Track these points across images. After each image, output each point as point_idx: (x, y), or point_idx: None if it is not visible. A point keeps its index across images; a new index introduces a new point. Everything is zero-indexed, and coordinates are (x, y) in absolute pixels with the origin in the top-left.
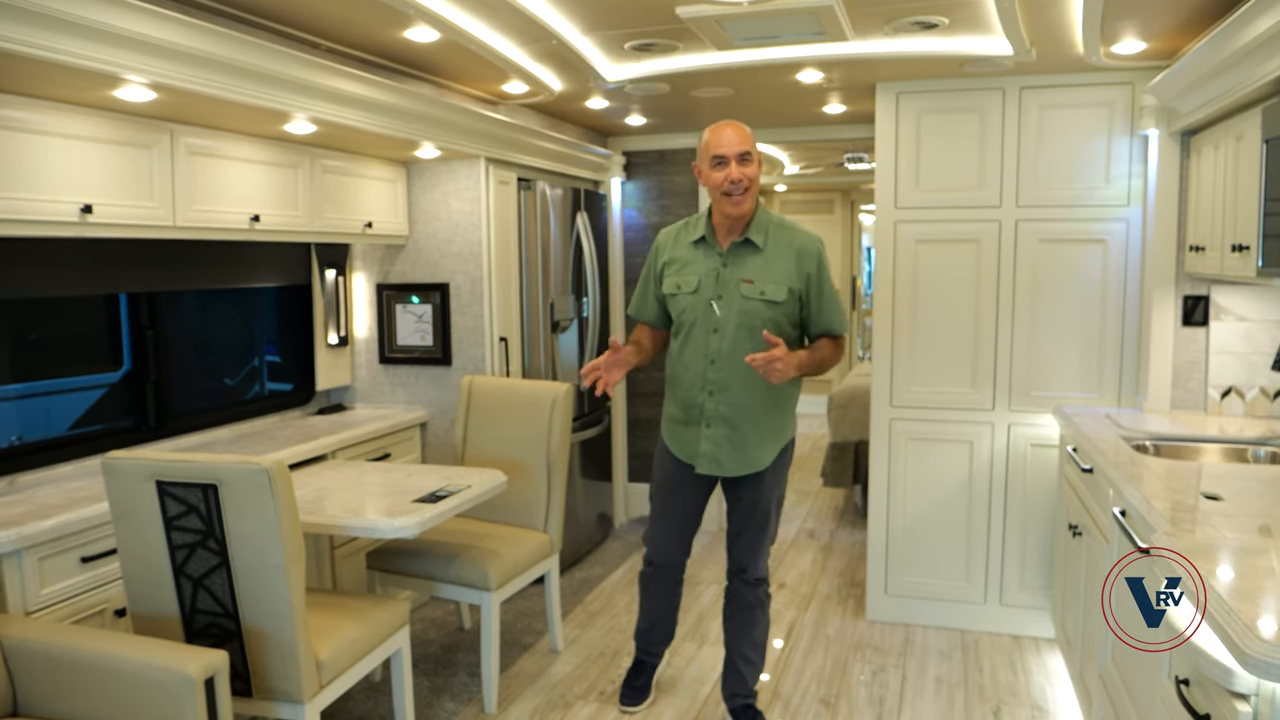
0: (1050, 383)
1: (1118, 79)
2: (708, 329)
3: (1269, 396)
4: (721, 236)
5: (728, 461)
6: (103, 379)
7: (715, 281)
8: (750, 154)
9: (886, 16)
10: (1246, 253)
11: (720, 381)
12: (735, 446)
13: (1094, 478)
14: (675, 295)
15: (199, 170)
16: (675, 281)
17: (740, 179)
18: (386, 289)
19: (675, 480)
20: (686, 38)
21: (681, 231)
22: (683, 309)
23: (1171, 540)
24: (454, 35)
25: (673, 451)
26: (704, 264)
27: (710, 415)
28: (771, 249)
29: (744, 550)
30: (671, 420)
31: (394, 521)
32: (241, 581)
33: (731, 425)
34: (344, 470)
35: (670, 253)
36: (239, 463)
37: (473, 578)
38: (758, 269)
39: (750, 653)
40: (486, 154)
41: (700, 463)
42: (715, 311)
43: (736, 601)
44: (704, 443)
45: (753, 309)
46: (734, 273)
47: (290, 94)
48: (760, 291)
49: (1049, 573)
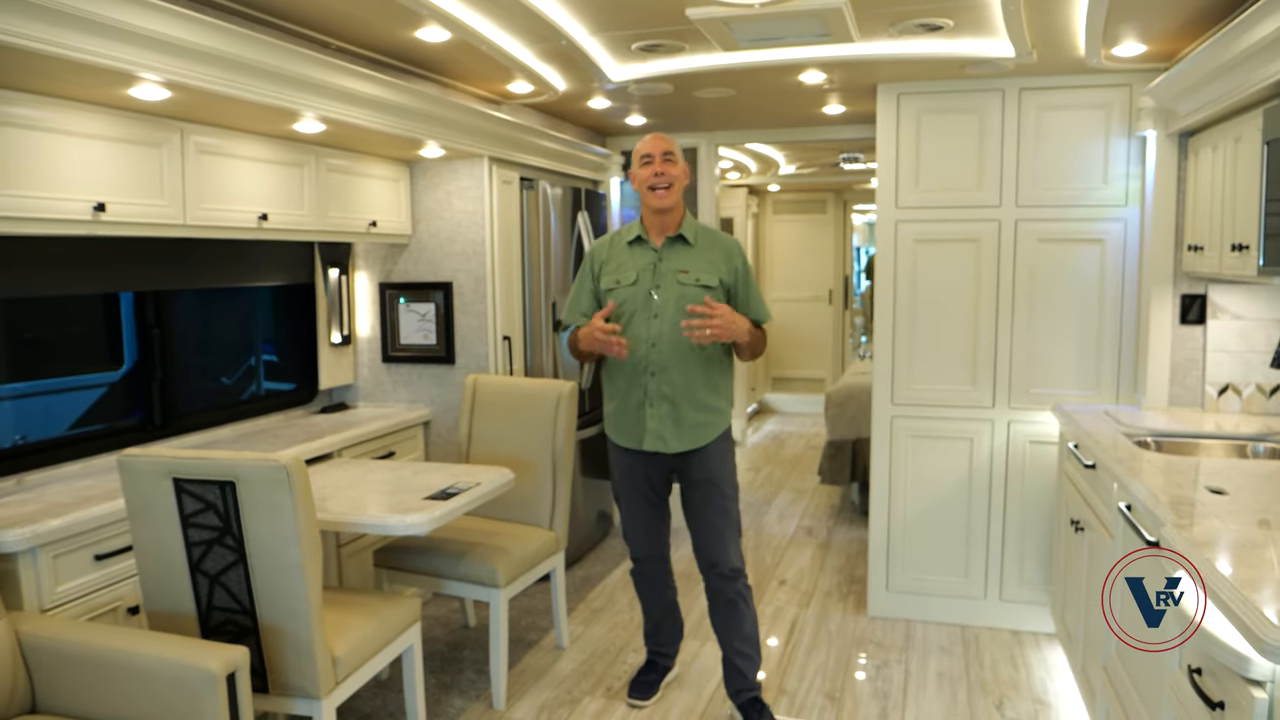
0: (1049, 380)
1: (1116, 81)
2: (648, 316)
3: (1265, 393)
4: (654, 235)
5: (671, 437)
6: (102, 378)
7: (653, 273)
8: (673, 154)
9: (892, 19)
10: (1246, 252)
11: (661, 362)
12: (676, 423)
13: (1096, 473)
14: (615, 289)
15: (208, 169)
16: (614, 278)
17: (663, 172)
18: (389, 288)
19: (630, 470)
20: (693, 39)
21: (615, 238)
22: (623, 300)
23: (1180, 533)
24: (465, 35)
25: (619, 443)
26: (640, 260)
27: (653, 395)
28: (700, 245)
29: (710, 542)
30: (614, 413)
31: (406, 518)
32: (258, 578)
33: (672, 403)
34: (350, 469)
35: (606, 255)
36: (257, 460)
37: (481, 575)
38: (690, 261)
39: (743, 647)
40: (490, 153)
41: (647, 440)
42: (654, 299)
43: (717, 599)
44: (649, 420)
45: (689, 294)
46: (670, 265)
47: (301, 93)
48: (695, 279)
49: (1048, 568)
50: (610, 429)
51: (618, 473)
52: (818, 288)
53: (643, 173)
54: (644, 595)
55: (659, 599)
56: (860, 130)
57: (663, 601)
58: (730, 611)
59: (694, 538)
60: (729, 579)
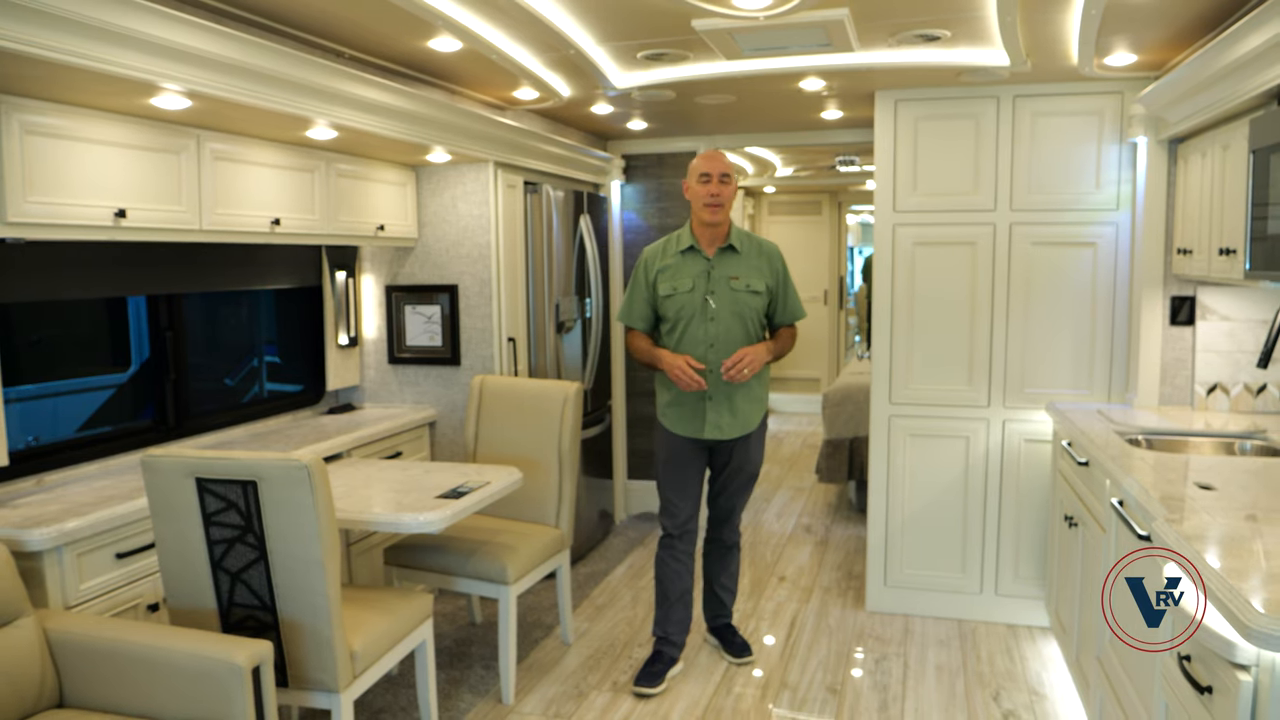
0: (1043, 380)
1: (1108, 89)
2: (705, 319)
3: (1252, 392)
4: (705, 245)
5: (727, 426)
6: (109, 380)
7: (707, 280)
8: (729, 176)
9: (892, 29)
10: (1234, 256)
11: (717, 361)
12: (732, 413)
13: (1090, 470)
14: (672, 296)
15: (223, 175)
16: (671, 284)
17: (719, 193)
18: (395, 290)
19: (681, 455)
20: (697, 47)
21: (666, 245)
22: (680, 306)
23: (1171, 527)
24: (476, 45)
25: (677, 432)
26: (695, 268)
27: (712, 390)
28: (747, 252)
29: (732, 500)
30: (669, 405)
31: (420, 517)
32: (279, 575)
33: (729, 397)
34: (361, 468)
35: (660, 263)
36: (279, 459)
37: (491, 572)
38: (740, 268)
39: (728, 583)
40: (495, 158)
41: (707, 429)
42: (711, 304)
43: (718, 547)
44: (709, 414)
45: (741, 299)
46: (722, 272)
47: (315, 100)
48: (746, 285)
49: (1043, 563)
50: (667, 420)
51: (667, 454)
52: (813, 288)
53: (700, 189)
54: (665, 576)
55: (679, 580)
56: (857, 134)
57: (681, 583)
58: (726, 556)
59: (717, 497)
60: (734, 530)
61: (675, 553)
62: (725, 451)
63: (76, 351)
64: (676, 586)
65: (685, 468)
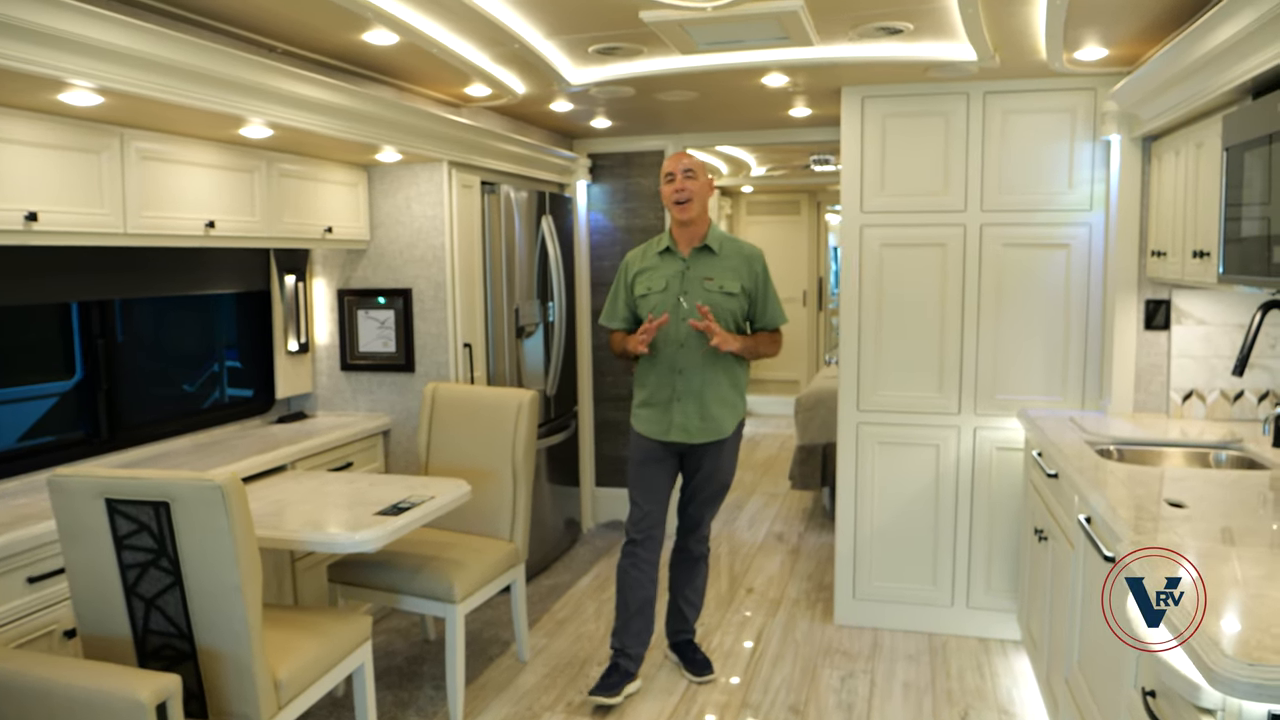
0: (1015, 386)
1: (1080, 84)
2: (677, 319)
3: (1229, 399)
4: (683, 246)
5: (696, 430)
6: (53, 388)
7: (681, 281)
8: (693, 170)
9: (852, 22)
10: (1207, 259)
11: (689, 361)
12: (702, 417)
13: (1059, 483)
14: (646, 295)
15: (151, 175)
16: (646, 285)
17: (684, 188)
18: (347, 294)
19: (651, 457)
20: (651, 41)
21: (647, 248)
22: (654, 306)
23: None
24: (413, 39)
25: (645, 433)
26: (670, 268)
27: (681, 391)
28: (724, 254)
29: (700, 510)
30: (643, 406)
31: (355, 535)
32: (196, 601)
33: (699, 399)
34: (305, 481)
35: (640, 265)
36: (191, 479)
37: (437, 590)
38: (716, 269)
39: (692, 596)
40: (449, 157)
41: (674, 432)
42: (683, 304)
43: (686, 558)
44: (676, 415)
45: (714, 300)
46: (697, 273)
47: (244, 98)
48: (720, 286)
49: (1015, 575)
50: (637, 421)
51: (638, 456)
52: (792, 289)
53: (666, 190)
54: (626, 585)
55: (640, 589)
56: (827, 133)
57: (643, 592)
58: (694, 567)
59: (686, 505)
60: (702, 540)
61: (637, 560)
62: (696, 458)
63: (21, 358)
64: (637, 596)
65: (653, 470)
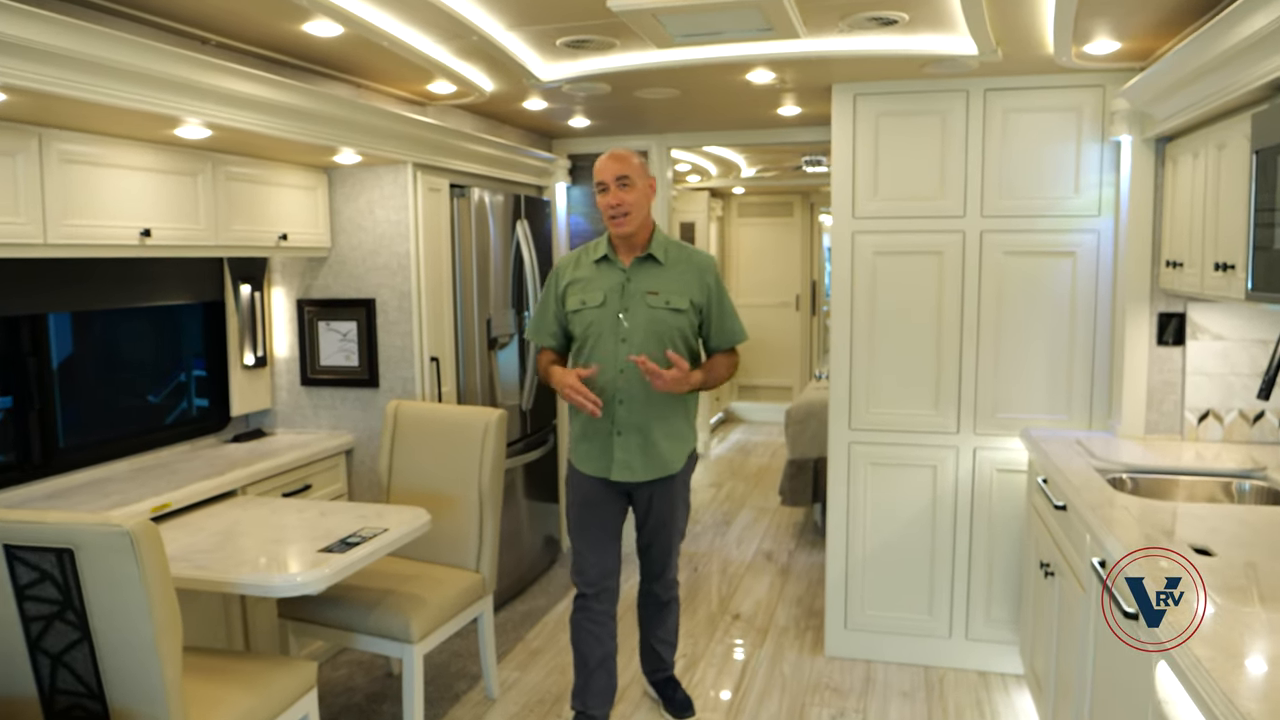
0: (1017, 404)
1: (1087, 81)
2: (616, 339)
3: (1248, 420)
4: (623, 254)
5: (640, 467)
6: None
7: (621, 295)
8: (628, 177)
9: (841, 12)
10: (1231, 272)
11: (630, 389)
12: (646, 452)
13: (1068, 517)
14: (580, 311)
15: (76, 181)
16: (580, 298)
17: (619, 203)
18: (307, 305)
19: (593, 499)
20: (624, 34)
21: (582, 254)
22: (589, 323)
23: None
24: (360, 30)
25: (584, 471)
26: (608, 280)
27: (622, 423)
28: (672, 264)
29: (661, 559)
30: (579, 439)
31: (296, 577)
32: (107, 657)
33: (642, 432)
34: (252, 509)
35: (572, 274)
36: (96, 524)
37: (393, 628)
38: (661, 282)
39: (667, 636)
40: (414, 159)
41: (615, 470)
42: (623, 322)
43: (653, 603)
44: (618, 451)
45: (659, 317)
46: (639, 285)
47: (174, 95)
48: (665, 301)
49: (1017, 605)
50: (575, 456)
51: (578, 498)
52: (785, 293)
53: (601, 201)
54: (582, 641)
55: (598, 645)
56: (818, 133)
57: (601, 649)
58: (663, 612)
59: (646, 549)
60: (670, 586)
61: (592, 615)
62: (645, 497)
63: None
64: (596, 653)
65: (597, 514)
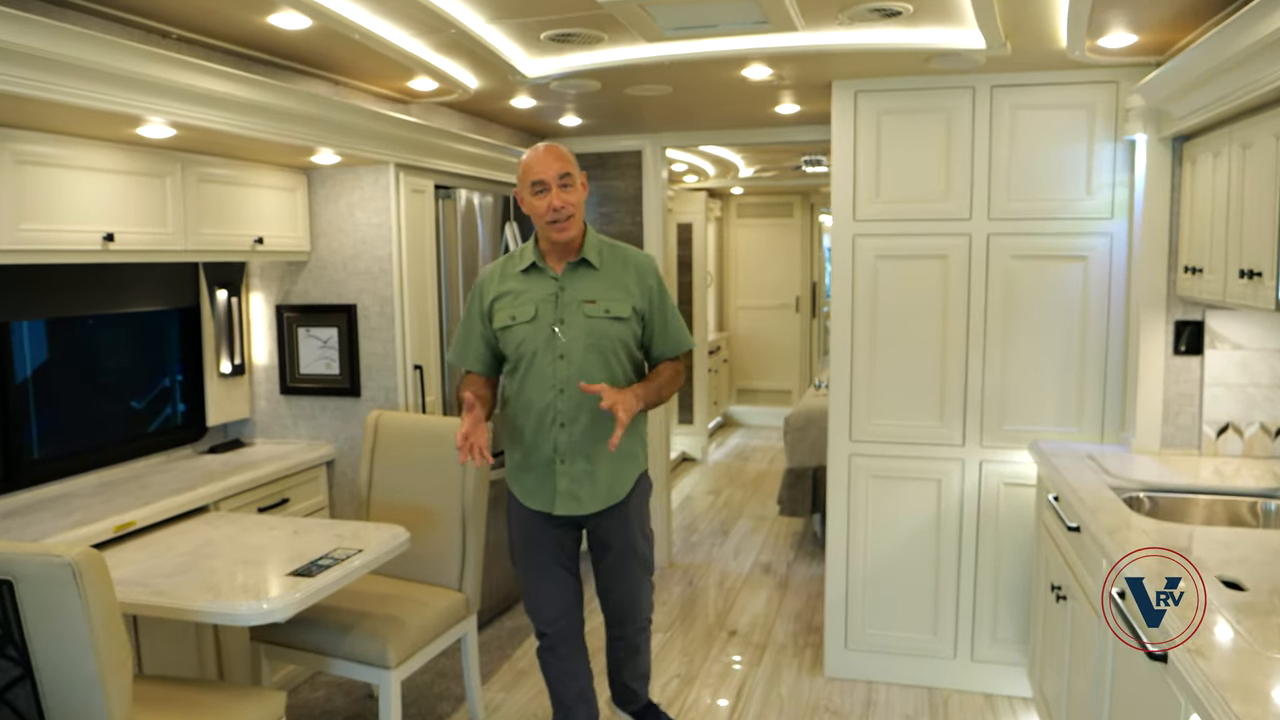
0: (1026, 415)
1: (1101, 77)
2: (553, 357)
3: (1270, 434)
4: (554, 261)
5: (587, 498)
6: None
7: (555, 306)
8: (570, 175)
9: (842, 3)
10: (1259, 280)
11: (571, 411)
12: (592, 479)
13: (1082, 539)
14: (510, 328)
15: (31, 183)
16: (509, 314)
17: (563, 206)
18: (287, 311)
19: (536, 534)
20: (610, 27)
21: (506, 265)
22: (521, 340)
23: (1194, 661)
24: (329, 23)
25: (526, 504)
26: (539, 291)
27: (564, 450)
28: (607, 267)
29: (626, 598)
30: (519, 469)
31: (261, 604)
32: (50, 696)
33: (587, 457)
34: (223, 526)
35: (498, 287)
36: (36, 554)
37: (369, 653)
38: (597, 288)
39: (640, 670)
40: (396, 159)
41: (559, 503)
42: (560, 337)
43: (622, 647)
44: (560, 480)
45: (599, 328)
46: (573, 294)
47: (135, 94)
48: (605, 310)
49: (1024, 625)
50: (514, 485)
51: (521, 534)
52: (784, 295)
53: (538, 203)
54: (554, 680)
55: (572, 681)
56: (818, 132)
57: (576, 685)
58: (634, 657)
59: (607, 593)
60: (641, 629)
61: (558, 655)
62: (599, 529)
63: None
64: (571, 688)
65: (544, 552)
